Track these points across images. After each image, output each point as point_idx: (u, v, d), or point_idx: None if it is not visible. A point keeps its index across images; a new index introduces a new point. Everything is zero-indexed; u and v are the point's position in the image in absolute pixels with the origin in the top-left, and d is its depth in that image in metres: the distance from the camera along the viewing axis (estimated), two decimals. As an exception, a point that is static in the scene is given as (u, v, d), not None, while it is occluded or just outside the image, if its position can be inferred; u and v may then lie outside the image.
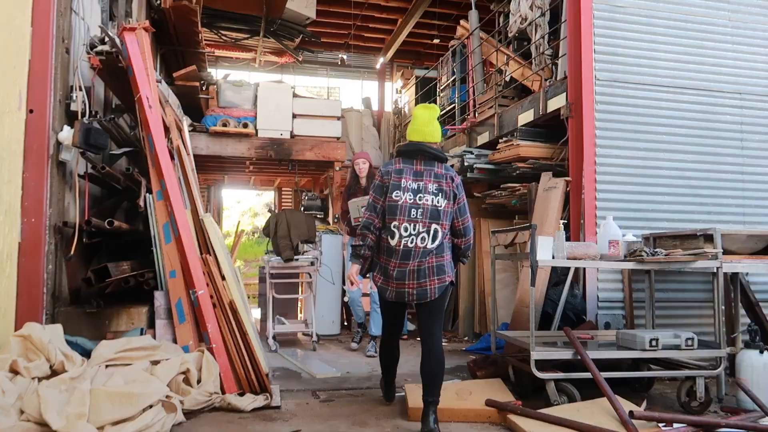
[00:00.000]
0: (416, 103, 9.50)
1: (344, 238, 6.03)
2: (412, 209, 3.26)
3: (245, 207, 23.28)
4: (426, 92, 9.09)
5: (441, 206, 3.27)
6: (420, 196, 3.28)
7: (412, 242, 3.25)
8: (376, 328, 5.47)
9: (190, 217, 4.10)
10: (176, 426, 3.15)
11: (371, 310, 5.61)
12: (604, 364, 3.66)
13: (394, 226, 3.28)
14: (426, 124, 3.45)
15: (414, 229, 3.25)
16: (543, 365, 3.65)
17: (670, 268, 4.09)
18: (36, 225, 3.72)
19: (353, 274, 3.47)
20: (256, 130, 7.24)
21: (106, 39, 4.06)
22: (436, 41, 10.69)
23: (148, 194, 4.09)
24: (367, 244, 3.37)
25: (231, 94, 7.36)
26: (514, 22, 6.27)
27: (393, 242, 3.28)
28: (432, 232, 3.25)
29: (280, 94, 7.42)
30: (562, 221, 4.74)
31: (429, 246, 3.25)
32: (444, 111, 8.32)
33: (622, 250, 3.94)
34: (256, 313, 7.42)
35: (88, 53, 4.19)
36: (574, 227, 4.76)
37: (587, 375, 3.48)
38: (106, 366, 3.31)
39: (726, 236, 4.13)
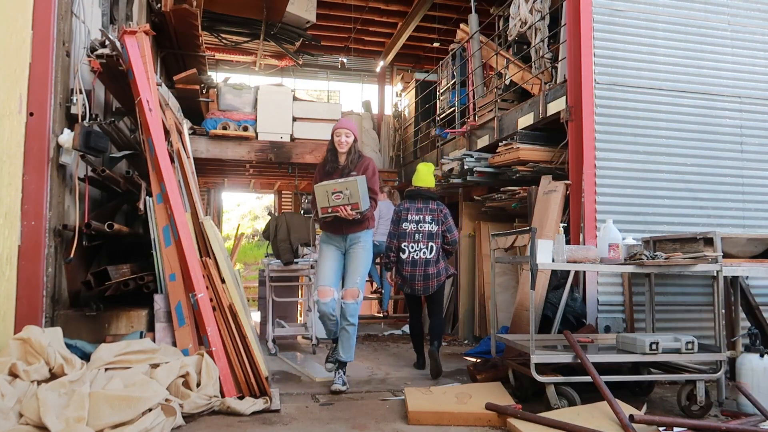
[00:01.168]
0: (416, 106, 9.64)
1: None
2: (416, 234, 4.83)
3: (245, 210, 23.30)
4: (426, 95, 9.10)
5: (434, 230, 4.82)
6: (420, 225, 4.83)
7: (417, 255, 4.81)
8: (345, 352, 4.30)
9: (190, 220, 4.10)
10: (175, 429, 3.14)
11: (341, 329, 4.34)
12: (604, 368, 3.65)
13: (404, 245, 4.84)
14: (426, 175, 5.04)
15: (417, 247, 4.81)
16: (543, 369, 3.65)
17: (670, 272, 4.08)
18: (36, 228, 3.71)
19: (389, 277, 5.24)
20: (256, 134, 7.25)
21: (107, 42, 4.07)
22: (436, 45, 10.72)
23: (148, 197, 4.09)
24: (392, 261, 4.96)
25: (231, 98, 7.38)
26: (514, 25, 6.29)
27: (404, 256, 4.84)
28: (429, 247, 4.81)
29: (280, 98, 7.43)
30: (562, 224, 4.73)
31: (429, 256, 4.79)
32: (444, 114, 8.40)
33: (622, 254, 3.94)
34: (256, 316, 7.41)
35: (89, 56, 4.20)
36: (574, 230, 4.76)
37: (587, 378, 3.47)
38: (106, 369, 3.31)
39: (726, 240, 4.13)
